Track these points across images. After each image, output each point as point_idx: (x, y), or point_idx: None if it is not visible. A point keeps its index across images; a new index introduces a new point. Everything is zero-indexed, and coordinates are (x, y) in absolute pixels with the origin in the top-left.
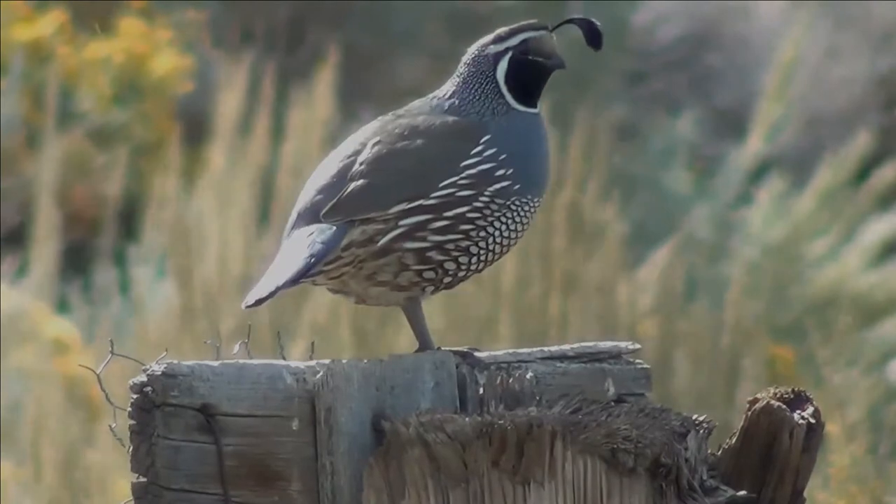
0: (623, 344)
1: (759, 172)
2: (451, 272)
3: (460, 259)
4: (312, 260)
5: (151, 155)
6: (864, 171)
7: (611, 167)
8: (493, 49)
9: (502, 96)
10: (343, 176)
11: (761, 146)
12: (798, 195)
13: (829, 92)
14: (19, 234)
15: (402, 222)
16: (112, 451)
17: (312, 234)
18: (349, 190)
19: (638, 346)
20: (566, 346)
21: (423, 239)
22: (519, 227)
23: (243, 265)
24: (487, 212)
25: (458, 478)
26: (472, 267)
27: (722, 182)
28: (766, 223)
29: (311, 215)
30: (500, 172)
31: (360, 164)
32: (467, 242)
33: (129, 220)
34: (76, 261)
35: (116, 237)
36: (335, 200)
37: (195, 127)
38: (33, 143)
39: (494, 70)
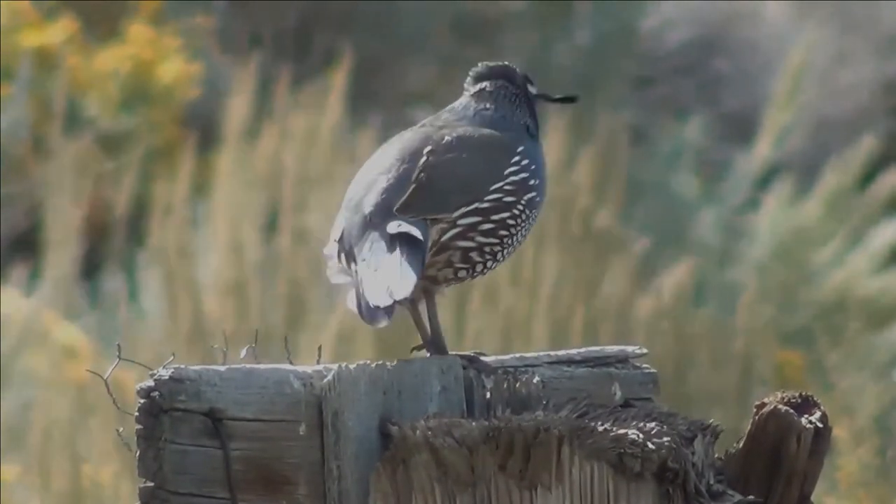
0: (630, 348)
1: (767, 177)
2: (477, 272)
3: (488, 261)
4: (424, 254)
5: (159, 161)
6: (871, 176)
7: (618, 172)
8: (513, 89)
9: (527, 126)
10: (406, 179)
11: (769, 151)
12: (805, 200)
13: (836, 97)
14: (27, 239)
15: (459, 222)
16: (119, 456)
17: (401, 226)
18: (418, 190)
19: (645, 350)
20: (573, 351)
21: (472, 239)
22: (522, 240)
23: (249, 270)
24: (521, 219)
25: (465, 482)
26: (488, 269)
27: (729, 187)
28: (774, 228)
29: (384, 211)
30: (532, 183)
31: (421, 170)
32: (499, 247)
33: (138, 226)
34: (85, 266)
35: (125, 243)
36: (405, 198)
37: (203, 133)
38: (40, 149)
39: (524, 100)
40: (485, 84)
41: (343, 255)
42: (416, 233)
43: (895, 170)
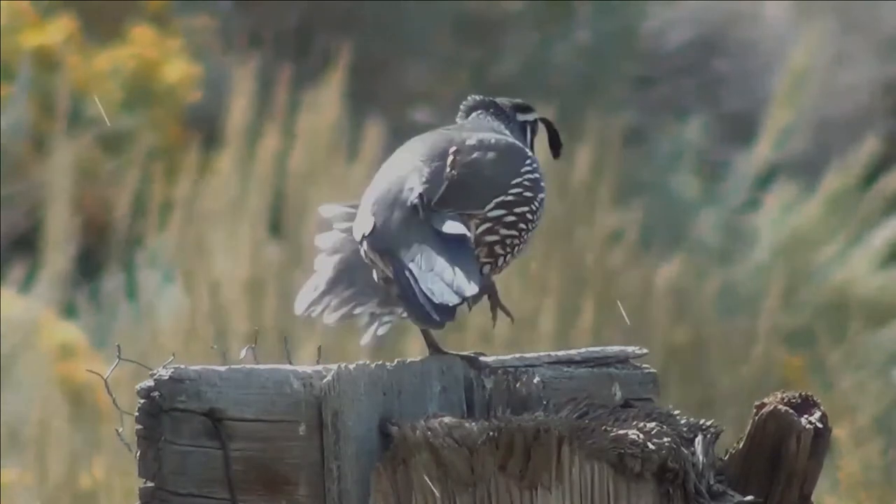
0: (630, 348)
1: (767, 177)
2: (495, 267)
3: (507, 255)
4: (473, 249)
5: (161, 161)
6: (871, 176)
7: (619, 172)
8: (521, 117)
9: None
10: (438, 176)
11: (769, 151)
12: (806, 200)
13: (836, 97)
14: (26, 239)
15: (489, 215)
16: (119, 456)
17: (451, 225)
18: (452, 186)
19: (645, 350)
20: (573, 351)
21: (497, 233)
22: (529, 242)
23: (253, 270)
24: (536, 216)
25: (465, 482)
26: (505, 263)
27: (730, 187)
28: (774, 228)
29: (424, 208)
30: (543, 184)
31: (451, 168)
32: (517, 240)
33: (138, 226)
34: (84, 266)
35: (125, 243)
36: (442, 193)
37: (205, 133)
38: (41, 149)
39: (524, 133)
40: (480, 110)
41: (376, 252)
42: (465, 230)
43: (895, 170)
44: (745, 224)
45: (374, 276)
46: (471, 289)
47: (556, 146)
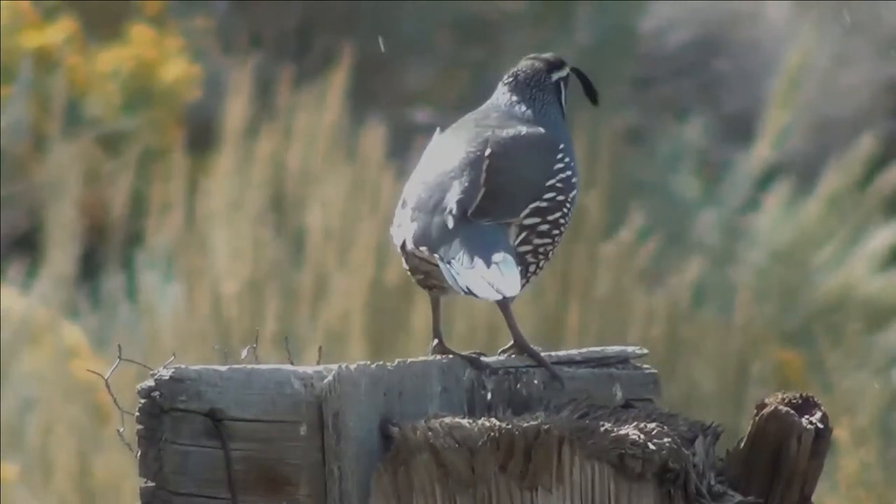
0: (631, 349)
1: (767, 178)
2: (529, 273)
3: (540, 261)
4: (513, 250)
5: (160, 161)
6: (871, 177)
7: (618, 172)
8: (556, 75)
9: (562, 115)
10: (475, 182)
11: (769, 152)
12: (805, 200)
13: (836, 98)
14: (27, 239)
15: (524, 222)
16: (120, 456)
17: (487, 233)
18: (488, 194)
19: (646, 351)
20: (574, 351)
21: (530, 242)
22: (558, 245)
23: (252, 270)
24: (568, 217)
25: (465, 483)
26: (540, 269)
27: (729, 187)
28: (774, 228)
29: (464, 216)
30: (575, 180)
31: (486, 174)
32: (550, 246)
33: (138, 226)
34: (85, 266)
35: (125, 243)
36: (478, 202)
37: (204, 133)
38: (41, 150)
39: (557, 93)
40: (519, 82)
41: (419, 248)
42: (509, 235)
43: (895, 170)
44: (744, 224)
45: (412, 276)
46: (511, 289)
47: (592, 95)
